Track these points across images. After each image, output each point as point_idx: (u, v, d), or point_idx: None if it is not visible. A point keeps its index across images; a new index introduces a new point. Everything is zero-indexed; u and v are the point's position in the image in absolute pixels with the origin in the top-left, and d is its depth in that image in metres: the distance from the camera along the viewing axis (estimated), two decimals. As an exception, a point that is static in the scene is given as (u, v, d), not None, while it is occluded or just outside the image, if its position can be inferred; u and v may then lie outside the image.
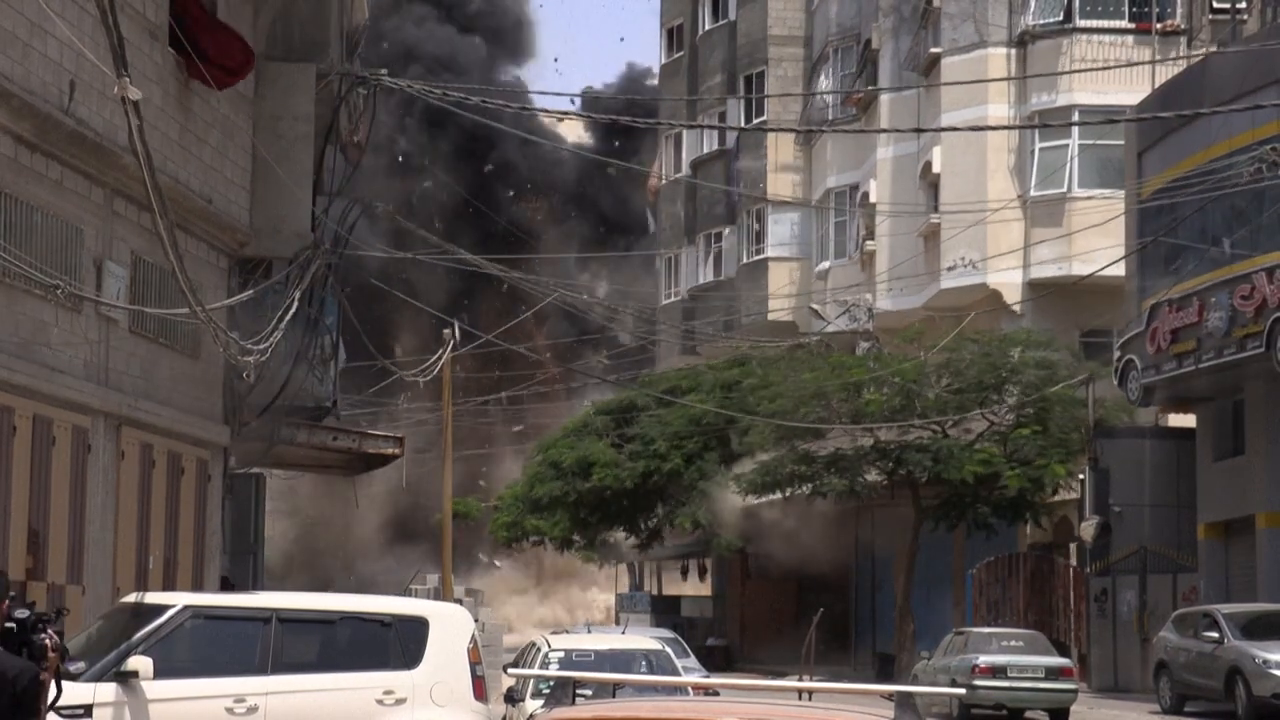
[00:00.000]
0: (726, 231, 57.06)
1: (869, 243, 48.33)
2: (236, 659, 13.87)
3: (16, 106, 17.45)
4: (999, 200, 42.02)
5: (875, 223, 47.91)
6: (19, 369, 17.66)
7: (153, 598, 14.51)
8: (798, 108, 54.50)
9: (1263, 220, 31.01)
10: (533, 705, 16.51)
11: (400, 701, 13.90)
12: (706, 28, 59.27)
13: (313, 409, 26.42)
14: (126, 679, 13.13)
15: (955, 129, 39.76)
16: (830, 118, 51.74)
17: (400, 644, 14.06)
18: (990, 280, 42.84)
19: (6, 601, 8.07)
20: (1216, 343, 30.74)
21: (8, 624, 8.11)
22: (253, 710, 13.55)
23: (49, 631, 8.30)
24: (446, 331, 35.55)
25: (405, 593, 34.27)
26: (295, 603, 14.66)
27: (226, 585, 23.01)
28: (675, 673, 18.85)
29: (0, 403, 17.40)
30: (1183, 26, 42.50)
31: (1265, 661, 26.53)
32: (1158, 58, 40.48)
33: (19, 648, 8.09)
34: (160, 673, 13.20)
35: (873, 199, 47.91)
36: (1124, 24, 42.79)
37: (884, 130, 43.69)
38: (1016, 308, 42.46)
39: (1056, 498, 39.00)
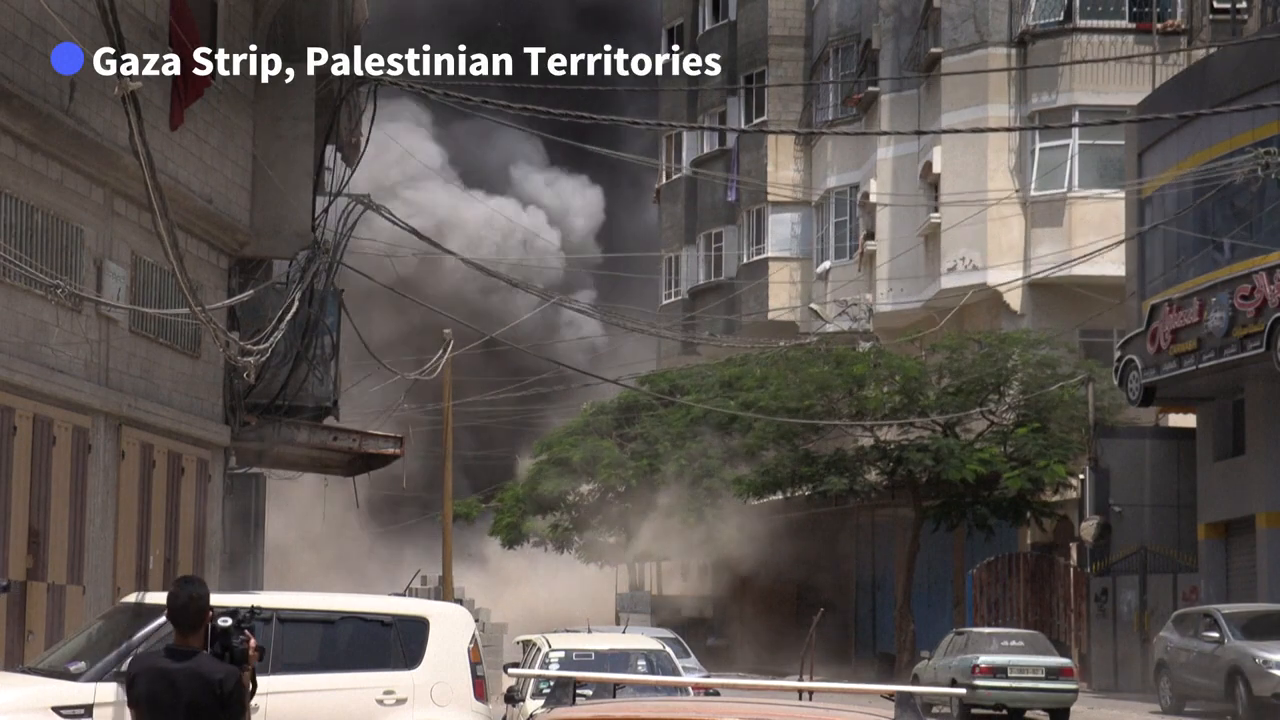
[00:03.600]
0: (726, 231, 57.05)
1: (869, 243, 48.30)
2: (236, 659, 13.85)
3: (16, 106, 17.45)
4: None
5: (875, 223, 47.87)
6: (19, 369, 17.66)
7: (153, 598, 14.48)
8: (798, 108, 54.47)
9: (1263, 220, 31.00)
10: (533, 705, 16.50)
11: (400, 701, 13.89)
12: (706, 28, 59.23)
13: (313, 409, 26.41)
14: (127, 679, 13.11)
15: (956, 130, 39.71)
16: (830, 118, 51.71)
17: (401, 644, 14.05)
18: (990, 280, 42.83)
19: (211, 610, 8.70)
20: (1217, 343, 30.72)
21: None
22: (253, 710, 13.53)
23: (245, 633, 8.90)
24: (447, 331, 35.51)
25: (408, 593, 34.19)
26: (295, 603, 14.63)
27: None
28: (676, 673, 18.81)
29: (0, 403, 17.40)
30: (1183, 26, 42.46)
31: (1265, 661, 26.50)
32: (1158, 58, 40.46)
33: (221, 653, 8.76)
34: (160, 673, 13.17)
35: (873, 199, 47.88)
36: (1124, 24, 42.76)
37: (884, 133, 43.64)
38: (1016, 307, 42.45)
39: (1056, 498, 38.99)
